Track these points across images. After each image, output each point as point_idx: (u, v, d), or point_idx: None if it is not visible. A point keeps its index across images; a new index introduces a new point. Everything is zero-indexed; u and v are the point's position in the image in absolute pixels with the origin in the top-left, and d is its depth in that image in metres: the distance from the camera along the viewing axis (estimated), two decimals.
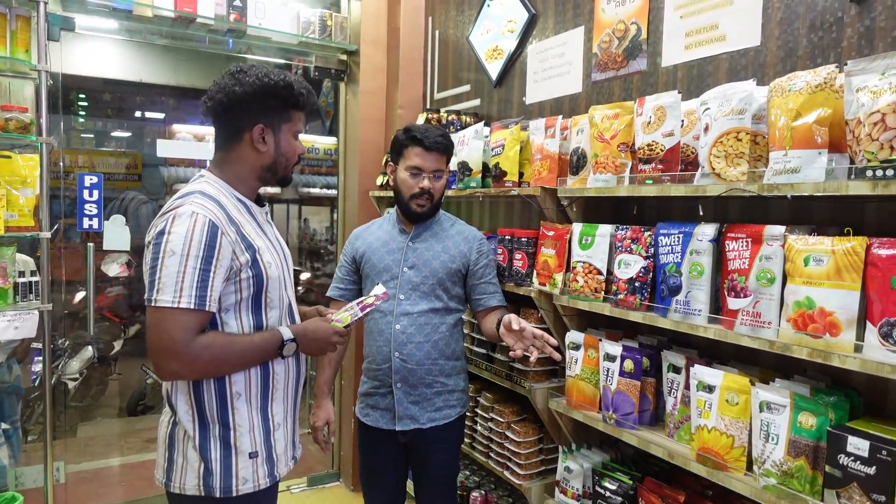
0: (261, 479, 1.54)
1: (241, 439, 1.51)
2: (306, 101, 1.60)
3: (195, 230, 1.38)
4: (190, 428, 1.49)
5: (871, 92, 1.30)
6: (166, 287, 1.36)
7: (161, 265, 1.37)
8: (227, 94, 1.51)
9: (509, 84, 2.98)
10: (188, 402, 1.49)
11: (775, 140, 1.49)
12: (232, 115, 1.54)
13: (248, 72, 1.53)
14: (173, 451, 1.51)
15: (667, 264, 1.78)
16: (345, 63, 3.77)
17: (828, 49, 1.70)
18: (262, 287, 1.53)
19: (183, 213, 1.40)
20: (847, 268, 1.35)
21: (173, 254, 1.37)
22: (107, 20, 3.16)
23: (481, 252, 2.22)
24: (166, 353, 1.38)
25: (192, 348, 1.39)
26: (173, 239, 1.38)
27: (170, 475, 1.51)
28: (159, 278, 1.37)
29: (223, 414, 1.49)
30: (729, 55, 1.96)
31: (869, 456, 1.32)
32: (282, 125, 1.58)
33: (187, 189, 1.51)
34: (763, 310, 1.53)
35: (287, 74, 1.57)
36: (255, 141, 1.54)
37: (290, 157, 1.62)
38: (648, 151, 1.85)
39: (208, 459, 1.48)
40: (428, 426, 2.12)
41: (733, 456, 1.60)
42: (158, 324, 1.38)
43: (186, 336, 1.38)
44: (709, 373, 1.68)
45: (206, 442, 1.49)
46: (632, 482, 1.97)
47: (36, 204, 2.78)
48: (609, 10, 2.37)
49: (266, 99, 1.53)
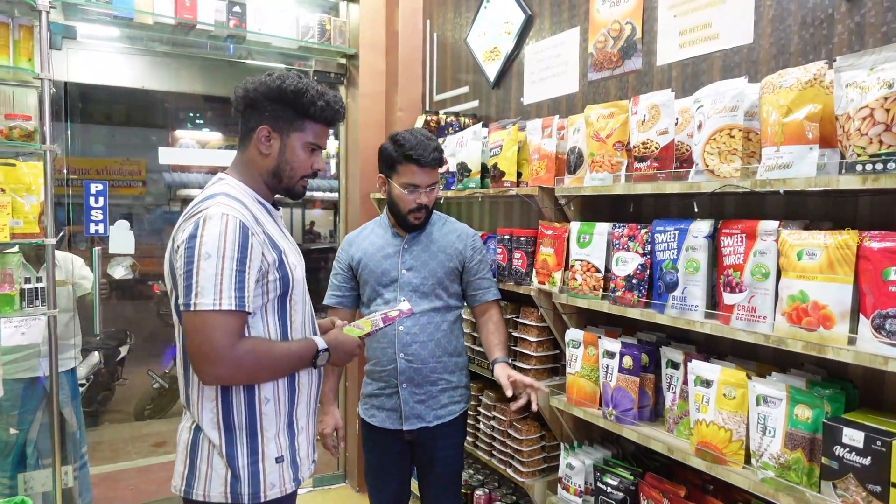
0: (287, 484, 1.53)
1: (268, 445, 1.50)
2: (320, 112, 1.54)
3: (228, 231, 1.36)
4: (215, 435, 1.46)
5: (860, 87, 1.32)
6: (205, 290, 1.33)
7: (197, 269, 1.34)
8: (246, 92, 1.52)
9: (507, 85, 3.00)
10: (214, 409, 1.46)
11: (767, 136, 1.51)
12: (247, 115, 1.55)
13: (273, 74, 1.53)
14: (196, 458, 1.48)
15: (663, 261, 1.80)
16: (344, 67, 3.80)
17: (819, 45, 1.72)
18: (288, 289, 1.52)
19: (213, 214, 1.38)
20: (839, 261, 1.37)
21: (209, 256, 1.34)
22: (108, 28, 3.20)
23: (475, 248, 2.25)
24: (210, 358, 1.35)
25: (237, 352, 1.37)
26: (207, 241, 1.35)
27: (191, 482, 1.47)
28: (197, 282, 1.34)
29: (251, 420, 1.48)
30: (722, 53, 1.97)
31: (864, 447, 1.33)
32: (291, 133, 1.54)
33: (209, 191, 1.49)
34: (758, 304, 1.55)
35: (311, 84, 1.54)
36: (260, 142, 1.53)
37: (297, 168, 1.57)
38: (643, 149, 1.87)
39: (236, 467, 1.46)
40: (434, 424, 2.15)
41: (732, 449, 1.62)
42: (200, 328, 1.34)
43: (231, 340, 1.36)
44: (706, 368, 1.70)
45: (233, 449, 1.46)
46: (633, 478, 1.99)
47: (41, 211, 2.81)
48: (604, 10, 2.39)
49: (276, 102, 1.51)
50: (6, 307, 2.74)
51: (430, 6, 3.60)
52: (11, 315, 2.73)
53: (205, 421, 1.47)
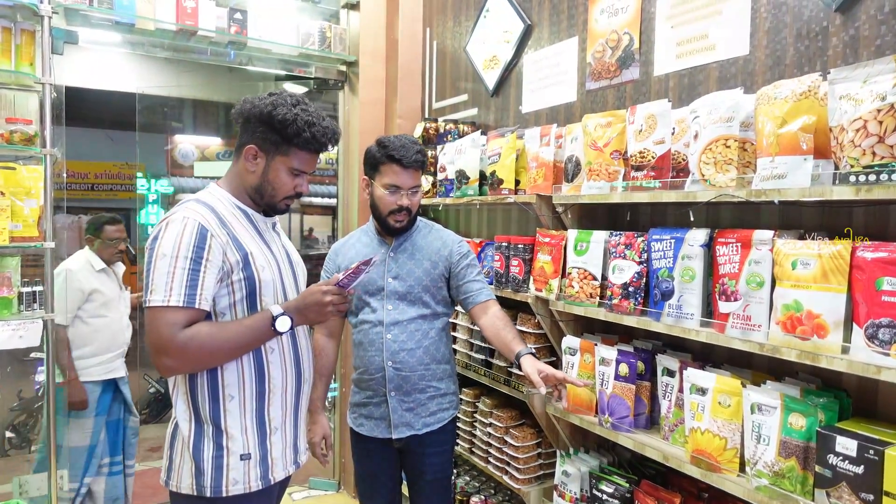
0: (252, 482, 1.57)
1: (232, 441, 1.55)
2: (304, 143, 1.59)
3: (184, 233, 1.46)
4: (186, 428, 1.54)
5: (854, 99, 1.34)
6: (158, 288, 1.44)
7: (153, 268, 1.45)
8: (242, 108, 1.61)
9: (506, 93, 3.02)
10: (185, 402, 1.55)
11: (762, 147, 1.53)
12: (241, 131, 1.63)
13: (269, 96, 1.59)
14: (172, 452, 1.58)
15: (659, 269, 1.81)
16: (344, 74, 3.82)
17: (814, 57, 1.74)
18: (254, 289, 1.58)
19: (175, 219, 1.49)
20: (833, 271, 1.39)
21: (164, 256, 1.45)
22: (110, 33, 3.22)
23: (461, 253, 2.20)
24: (157, 349, 1.45)
25: (178, 341, 1.44)
26: (164, 243, 1.46)
27: (170, 474, 1.57)
28: (152, 280, 1.45)
29: (216, 415, 1.54)
30: (719, 64, 2.00)
31: (857, 455, 1.34)
32: (276, 156, 1.61)
33: (187, 199, 1.60)
34: (753, 313, 1.56)
35: (302, 113, 1.57)
36: (247, 159, 1.61)
37: (279, 189, 1.64)
38: (640, 159, 1.88)
39: (200, 459, 1.53)
40: (423, 431, 2.15)
41: (726, 457, 1.63)
42: (151, 323, 1.45)
43: (172, 331, 1.44)
44: (701, 376, 1.71)
45: (200, 442, 1.54)
46: (628, 485, 1.99)
47: (40, 214, 2.82)
48: (602, 20, 2.42)
49: (263, 125, 1.58)
50: (4, 310, 2.75)
51: (429, 14, 3.62)
52: (9, 318, 2.74)
53: (178, 414, 1.56)
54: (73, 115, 3.33)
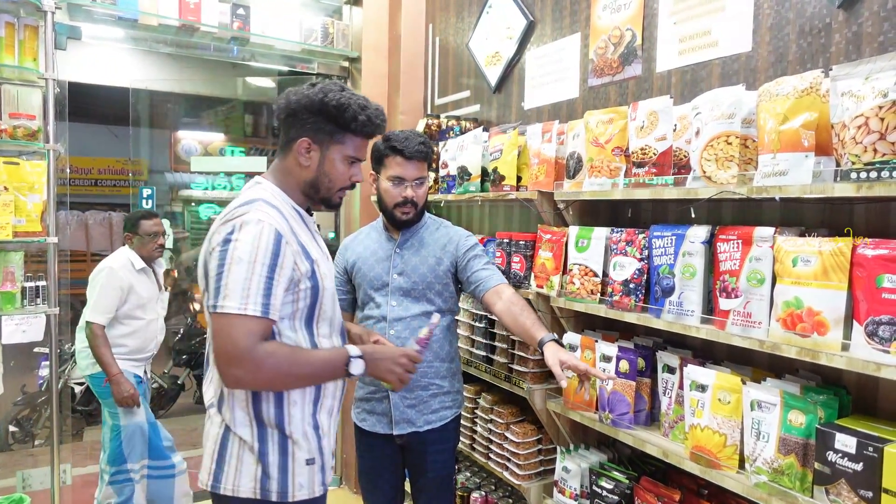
0: (316, 486, 1.54)
1: (297, 446, 1.50)
2: (363, 126, 1.54)
3: (262, 238, 1.38)
4: (247, 433, 1.47)
5: (856, 96, 1.34)
6: (233, 293, 1.35)
7: (228, 271, 1.36)
8: (288, 102, 1.53)
9: (508, 89, 3.02)
10: (244, 408, 1.48)
11: (764, 143, 1.52)
12: (288, 125, 1.55)
13: (316, 85, 1.53)
14: (224, 454, 1.48)
15: (660, 266, 1.81)
16: (346, 70, 3.82)
17: (817, 54, 1.73)
18: (317, 299, 1.53)
19: (249, 220, 1.40)
20: (834, 268, 1.38)
21: (241, 261, 1.36)
22: (113, 29, 3.22)
23: (467, 246, 2.19)
24: (230, 358, 1.36)
25: (256, 354, 1.36)
26: (240, 246, 1.37)
27: (218, 477, 1.48)
28: (226, 284, 1.35)
29: (279, 420, 1.48)
30: (721, 60, 1.99)
31: (856, 452, 1.34)
32: (331, 146, 1.55)
33: (248, 196, 1.50)
34: (753, 310, 1.56)
35: (353, 97, 1.53)
36: (300, 154, 1.54)
37: (335, 181, 1.58)
38: (642, 155, 1.88)
39: (267, 463, 1.47)
40: (425, 429, 2.15)
41: (726, 454, 1.63)
42: (224, 330, 1.36)
43: (251, 341, 1.35)
44: (701, 372, 1.71)
45: (265, 446, 1.47)
46: (628, 481, 2.00)
47: (43, 210, 2.83)
48: (605, 16, 2.41)
49: (317, 115, 1.51)
50: (7, 305, 2.76)
51: (432, 10, 3.62)
52: (13, 313, 2.75)
53: (236, 420, 1.47)
54: (77, 110, 3.35)
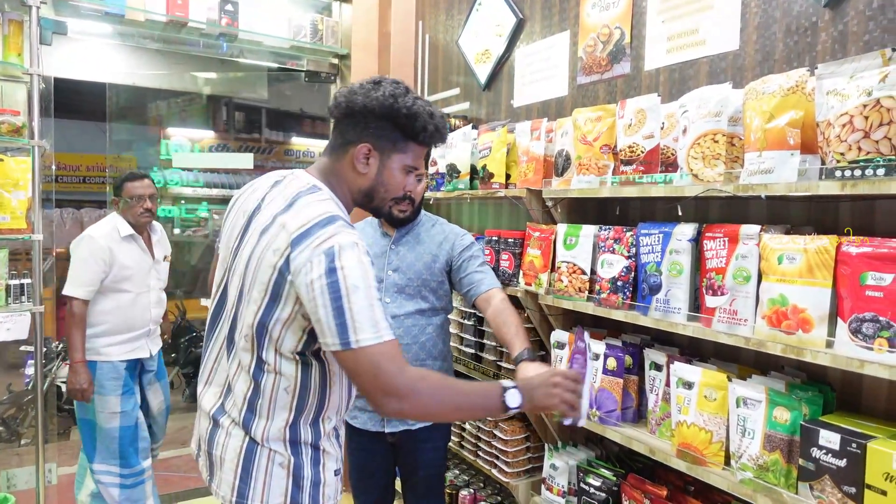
0: (338, 495, 1.50)
1: (328, 457, 1.45)
2: (430, 138, 1.44)
3: (363, 259, 1.28)
4: (281, 446, 1.38)
5: (841, 95, 1.34)
6: (363, 325, 1.24)
7: (348, 303, 1.23)
8: (349, 100, 1.39)
9: (498, 87, 3.01)
10: (283, 425, 1.38)
11: (750, 142, 1.53)
12: (346, 125, 1.42)
13: (381, 85, 1.40)
14: (250, 468, 1.38)
15: (647, 263, 1.82)
16: (336, 67, 3.81)
17: (803, 53, 1.74)
18: None
19: (345, 243, 1.26)
20: (819, 266, 1.39)
21: (357, 289, 1.24)
22: (99, 24, 3.19)
23: (463, 245, 2.19)
24: (384, 391, 1.26)
25: (409, 377, 1.27)
26: (350, 273, 1.24)
27: (244, 493, 1.38)
28: (352, 318, 1.23)
29: (316, 438, 1.42)
30: (709, 59, 2.00)
31: (840, 449, 1.35)
32: (393, 154, 1.42)
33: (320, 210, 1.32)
34: (739, 307, 1.57)
35: (423, 105, 1.42)
36: (357, 159, 1.40)
37: (391, 191, 1.46)
38: (629, 153, 1.89)
39: (300, 476, 1.39)
40: (416, 427, 2.15)
41: (712, 451, 1.63)
42: (370, 364, 1.25)
43: (398, 366, 1.26)
44: (688, 369, 1.71)
45: (299, 458, 1.39)
46: (615, 478, 2.00)
47: (28, 206, 2.80)
48: (594, 14, 2.41)
49: (382, 120, 1.38)
50: None
51: (422, 8, 3.61)
52: None
53: (270, 435, 1.38)
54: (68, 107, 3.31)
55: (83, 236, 2.85)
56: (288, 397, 1.36)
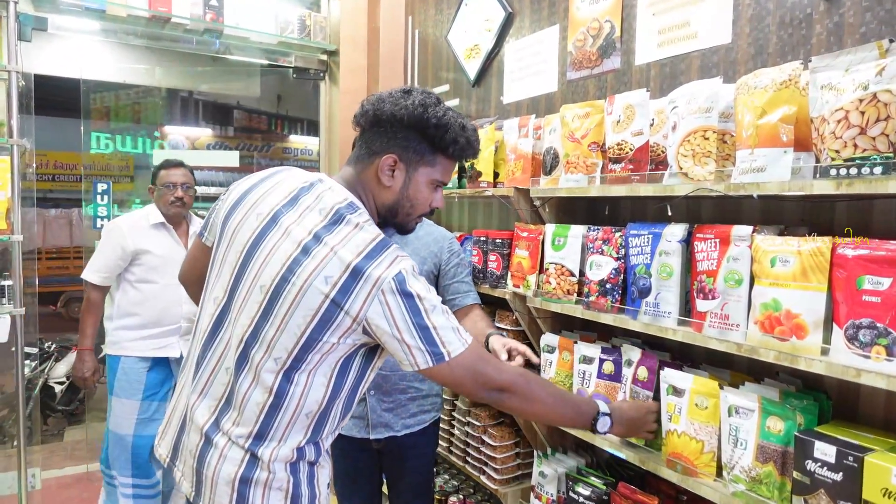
0: None
1: (322, 471, 1.41)
2: (461, 151, 1.38)
3: (422, 277, 1.28)
4: (281, 468, 1.33)
5: (836, 89, 1.27)
6: (448, 338, 1.26)
7: (432, 324, 1.25)
8: (377, 108, 1.34)
9: (487, 83, 2.94)
10: (285, 459, 1.33)
11: (741, 139, 1.46)
12: (372, 134, 1.36)
13: (411, 94, 1.35)
14: (246, 492, 1.31)
15: (637, 265, 1.75)
16: (325, 63, 3.74)
17: (798, 46, 1.67)
18: None
19: (407, 268, 1.25)
20: (813, 269, 1.32)
21: (434, 307, 1.26)
22: (80, 20, 3.12)
23: (452, 251, 2.13)
24: (490, 387, 1.32)
25: (508, 370, 1.36)
26: (422, 294, 1.25)
27: None
28: (438, 335, 1.25)
29: (317, 457, 1.39)
30: (700, 53, 1.93)
31: (836, 462, 1.29)
32: (420, 167, 1.36)
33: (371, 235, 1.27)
34: (731, 312, 1.50)
35: (454, 116, 1.36)
36: (382, 171, 1.34)
37: (417, 207, 1.41)
38: (618, 151, 1.82)
39: (299, 495, 1.35)
40: (403, 433, 2.09)
41: (703, 461, 1.57)
42: (466, 371, 1.28)
43: (491, 362, 1.33)
44: (678, 376, 1.65)
45: (297, 476, 1.35)
46: (605, 487, 1.94)
47: (8, 207, 2.74)
48: (583, 8, 2.34)
49: (410, 130, 1.33)
50: None
51: (411, 3, 3.54)
52: None
53: (280, 455, 1.32)
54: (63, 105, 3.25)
55: (110, 222, 2.80)
56: (307, 421, 1.33)
